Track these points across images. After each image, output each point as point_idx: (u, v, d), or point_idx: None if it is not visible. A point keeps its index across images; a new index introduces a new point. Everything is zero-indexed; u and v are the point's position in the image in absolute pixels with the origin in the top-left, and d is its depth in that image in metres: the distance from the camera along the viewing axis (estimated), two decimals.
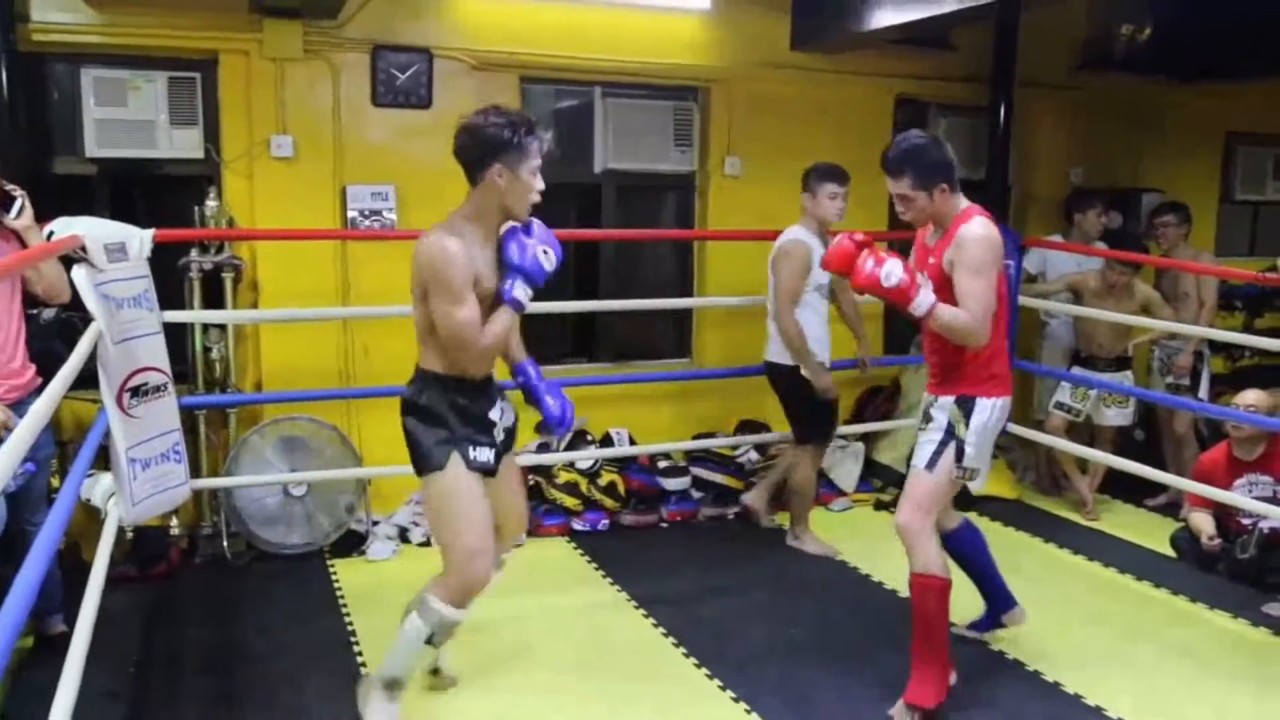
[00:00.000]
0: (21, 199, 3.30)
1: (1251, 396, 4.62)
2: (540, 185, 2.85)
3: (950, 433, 3.23)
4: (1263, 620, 4.09)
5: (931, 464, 3.25)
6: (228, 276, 4.57)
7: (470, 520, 2.89)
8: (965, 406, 3.22)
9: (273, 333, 4.77)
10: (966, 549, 3.67)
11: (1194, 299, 5.46)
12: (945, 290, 3.12)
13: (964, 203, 3.21)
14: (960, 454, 3.23)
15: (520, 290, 2.84)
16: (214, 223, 4.52)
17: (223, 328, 4.58)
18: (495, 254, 2.87)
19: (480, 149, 2.80)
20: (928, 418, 3.32)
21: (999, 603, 3.78)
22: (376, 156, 4.89)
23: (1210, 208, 7.25)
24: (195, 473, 4.29)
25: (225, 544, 4.55)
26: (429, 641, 3.00)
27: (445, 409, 2.89)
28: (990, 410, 3.23)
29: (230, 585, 4.31)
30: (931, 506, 3.28)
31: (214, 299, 4.57)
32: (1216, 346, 6.30)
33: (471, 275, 2.75)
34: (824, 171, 4.61)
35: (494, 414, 2.98)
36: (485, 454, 2.92)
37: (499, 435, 2.99)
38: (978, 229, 3.09)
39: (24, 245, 3.32)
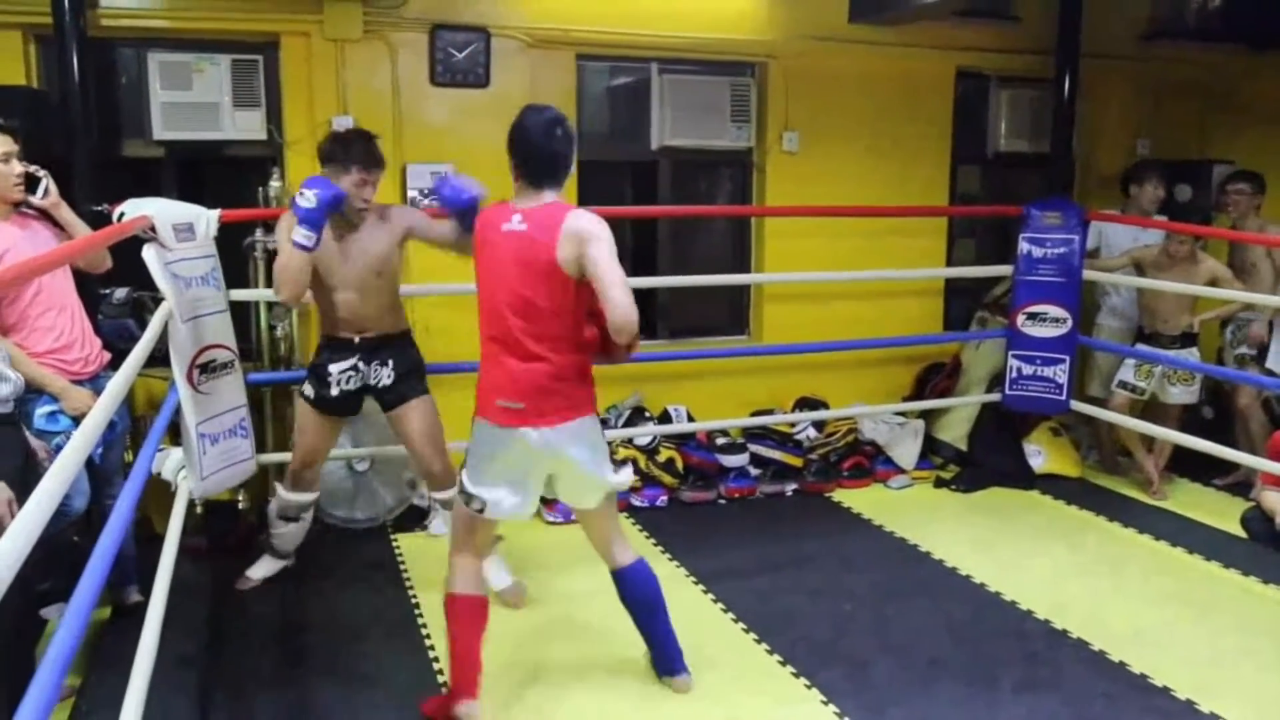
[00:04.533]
0: (45, 179, 3.33)
1: None
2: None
3: None
4: None
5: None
6: None
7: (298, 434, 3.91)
8: None
9: None
10: (628, 593, 3.29)
11: (1263, 271, 5.30)
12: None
13: None
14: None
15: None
16: (278, 203, 4.58)
17: (287, 306, 4.65)
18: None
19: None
20: None
21: (658, 664, 3.35)
22: (435, 136, 4.93)
23: None
24: (261, 448, 4.37)
25: None
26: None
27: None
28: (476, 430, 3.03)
29: (297, 558, 4.39)
30: (456, 532, 3.16)
31: None
32: None
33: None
34: None
35: (333, 367, 3.73)
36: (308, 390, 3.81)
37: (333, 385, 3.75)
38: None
39: (55, 223, 3.39)
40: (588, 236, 2.84)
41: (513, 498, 3.03)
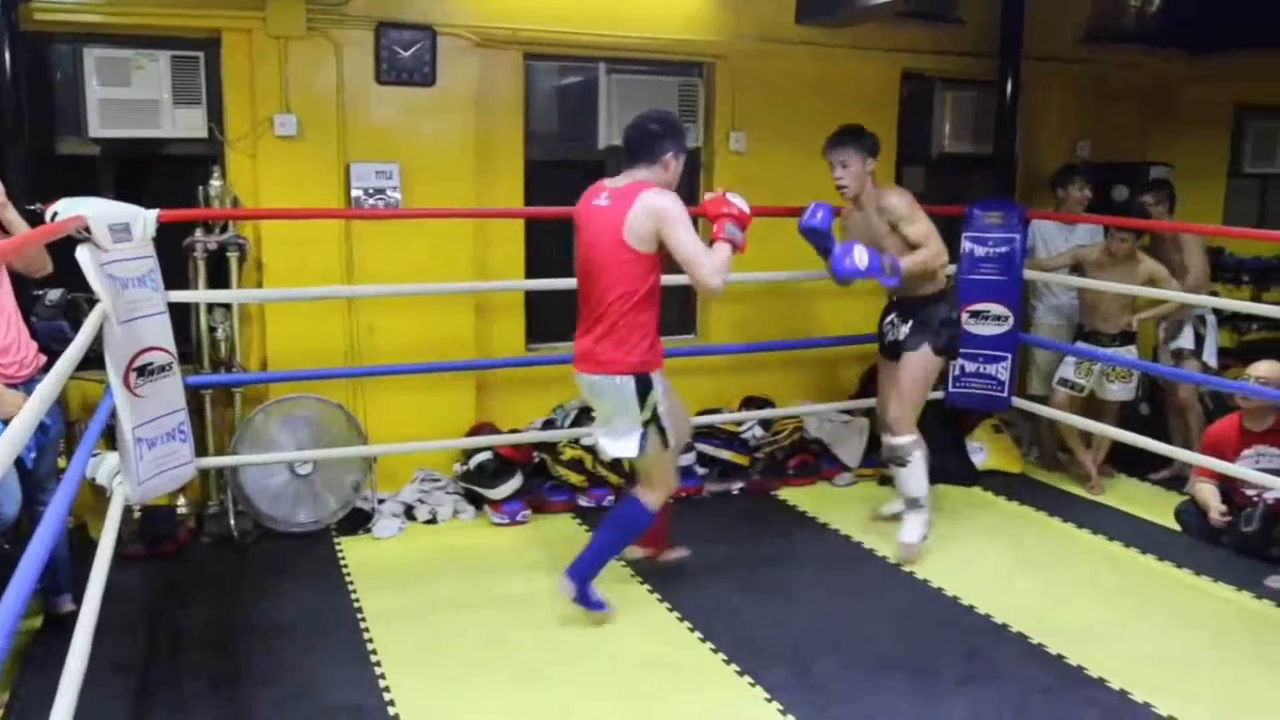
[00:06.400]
0: None
1: (1263, 368, 4.59)
2: None
3: None
4: (1265, 593, 4.10)
5: None
6: (232, 256, 4.57)
7: None
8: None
9: (278, 312, 4.78)
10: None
11: (1182, 271, 5.43)
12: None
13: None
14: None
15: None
16: (218, 202, 4.52)
17: (228, 307, 4.60)
18: None
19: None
20: None
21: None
22: (380, 135, 4.88)
23: (1219, 181, 7.22)
24: (201, 452, 4.31)
25: (232, 522, 4.57)
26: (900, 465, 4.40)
27: None
28: None
29: (238, 563, 4.34)
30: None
31: (219, 279, 4.58)
32: (1223, 319, 6.29)
33: None
34: None
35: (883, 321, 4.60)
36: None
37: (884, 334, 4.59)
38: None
39: None
40: (664, 216, 3.42)
41: None
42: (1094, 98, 6.48)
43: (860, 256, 4.09)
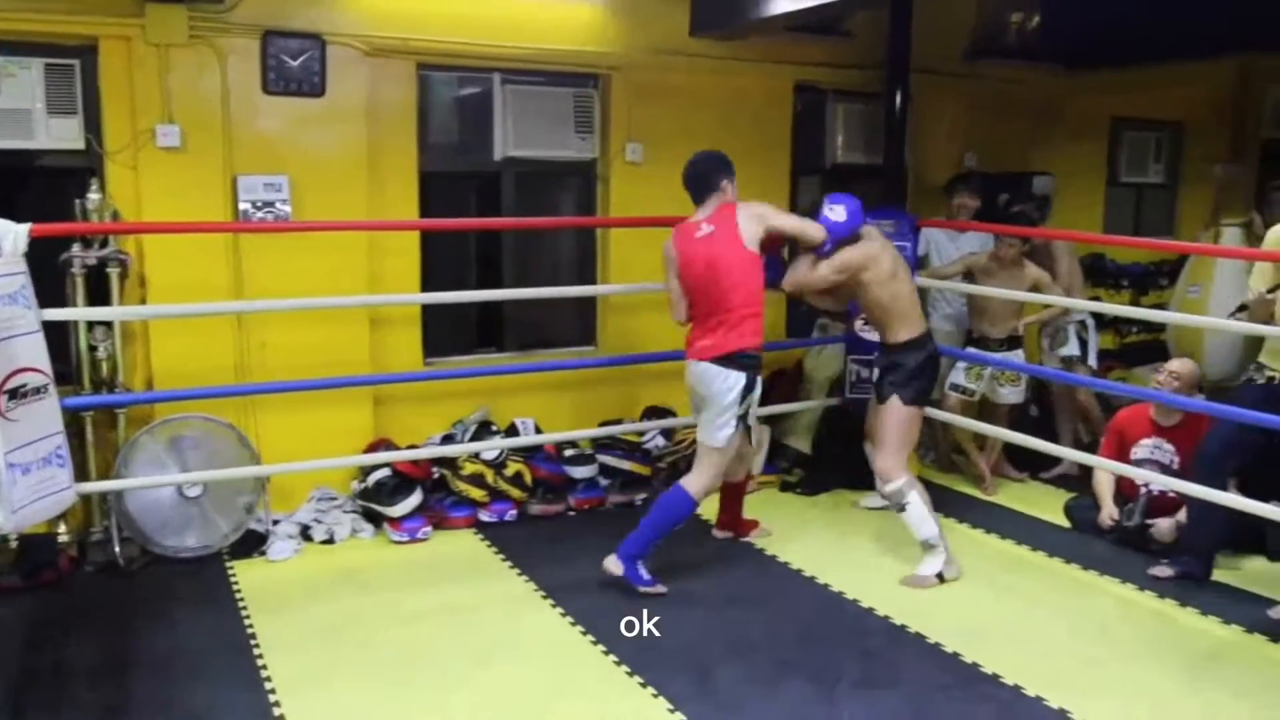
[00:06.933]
0: None
1: (1176, 364, 4.76)
2: None
3: None
4: (1148, 584, 4.26)
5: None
6: (113, 272, 4.39)
7: None
8: None
9: (163, 329, 4.61)
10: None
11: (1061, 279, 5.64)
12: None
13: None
14: None
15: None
16: (97, 216, 4.34)
17: (109, 325, 4.41)
18: None
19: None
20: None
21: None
22: (268, 146, 4.76)
23: (1098, 189, 7.52)
24: (83, 477, 4.13)
25: (117, 549, 4.38)
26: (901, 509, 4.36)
27: None
28: None
29: (124, 592, 4.17)
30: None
31: (100, 295, 4.40)
32: (1105, 323, 6.55)
33: None
34: None
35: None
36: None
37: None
38: None
39: None
40: (764, 215, 4.16)
41: None
42: (980, 110, 6.69)
43: (847, 215, 4.33)
